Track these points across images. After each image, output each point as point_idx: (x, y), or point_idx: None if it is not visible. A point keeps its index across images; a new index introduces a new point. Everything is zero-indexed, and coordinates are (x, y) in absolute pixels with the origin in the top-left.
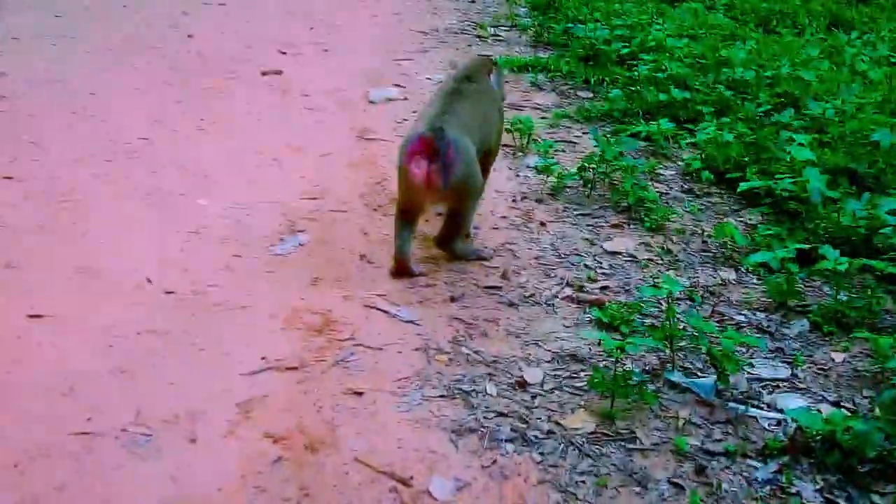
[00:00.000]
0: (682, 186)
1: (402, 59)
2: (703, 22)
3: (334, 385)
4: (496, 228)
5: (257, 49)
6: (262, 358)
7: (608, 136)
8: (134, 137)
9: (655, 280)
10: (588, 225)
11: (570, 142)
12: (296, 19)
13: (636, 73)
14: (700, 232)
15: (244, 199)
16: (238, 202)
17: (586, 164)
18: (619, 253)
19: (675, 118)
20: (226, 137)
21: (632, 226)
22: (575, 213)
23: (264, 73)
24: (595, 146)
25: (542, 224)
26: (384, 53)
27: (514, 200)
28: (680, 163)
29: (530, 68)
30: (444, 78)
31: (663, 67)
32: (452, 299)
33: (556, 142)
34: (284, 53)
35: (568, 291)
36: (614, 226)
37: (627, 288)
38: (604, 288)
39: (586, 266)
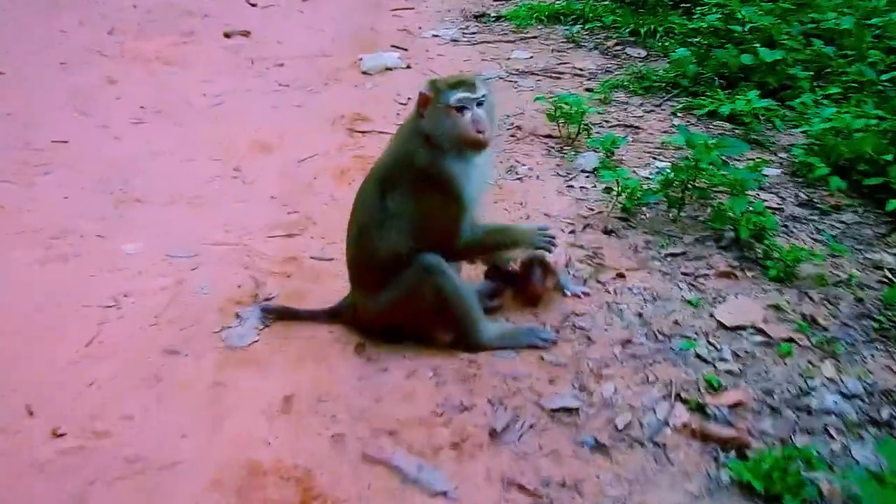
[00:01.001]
0: (796, 196)
1: (400, 9)
2: None
3: None
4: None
5: None
6: None
7: (682, 117)
8: (47, 139)
9: (807, 378)
10: (685, 273)
11: (632, 125)
12: None
13: (701, 23)
14: (847, 280)
15: (190, 240)
16: (180, 246)
17: (672, 177)
18: (742, 329)
19: (761, 86)
20: (170, 135)
21: (747, 271)
22: (662, 252)
23: (227, 36)
24: (677, 143)
25: (620, 275)
26: (378, 1)
27: (572, 232)
28: (781, 155)
29: (562, 17)
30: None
31: (738, 14)
32: (493, 434)
33: (612, 126)
34: (254, 5)
35: (682, 414)
36: (722, 274)
37: (771, 399)
38: (737, 406)
39: (699, 357)
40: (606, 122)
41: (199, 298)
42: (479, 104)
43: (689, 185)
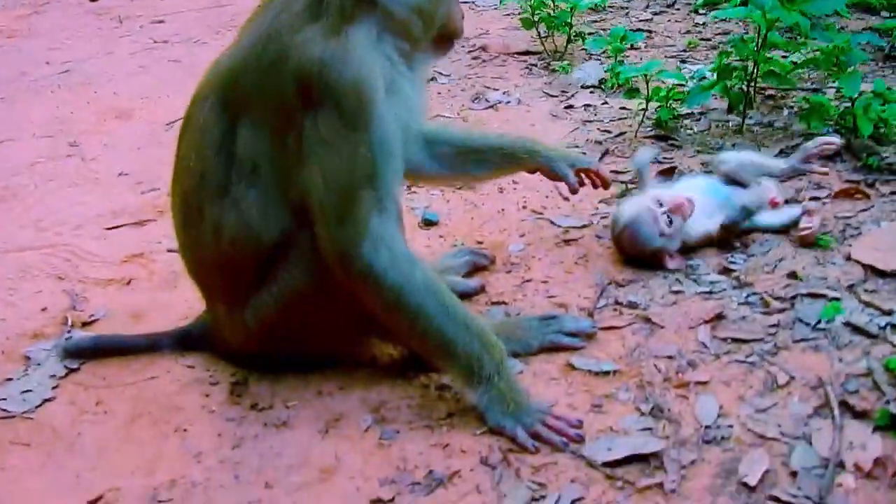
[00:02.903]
0: None
1: None
2: None
3: None
4: (552, 276)
5: None
6: None
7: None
8: None
9: None
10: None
11: (639, 30)
12: None
13: None
14: None
15: None
16: None
17: (730, 63)
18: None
19: None
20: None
21: (879, 186)
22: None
23: None
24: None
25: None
26: None
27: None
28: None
29: None
30: None
31: None
32: None
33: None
34: None
35: (866, 439)
36: (844, 193)
37: None
38: None
39: (854, 328)
40: (603, 30)
41: None
42: None
43: (755, 77)
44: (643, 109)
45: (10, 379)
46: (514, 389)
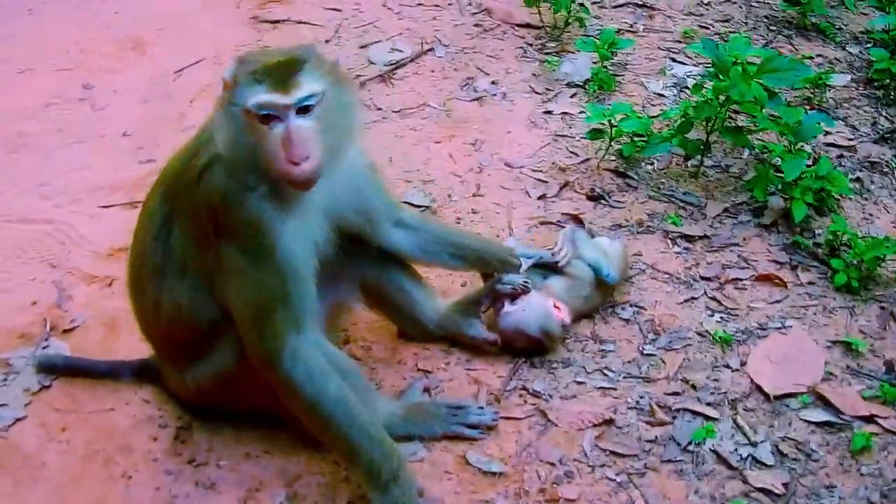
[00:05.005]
0: (874, 123)
1: None
2: None
3: None
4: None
5: None
6: None
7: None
8: None
9: None
10: (706, 278)
11: (645, 4)
12: None
13: None
14: None
15: None
16: None
17: (691, 116)
18: (792, 397)
19: None
20: (8, 31)
21: (801, 272)
22: (673, 233)
23: None
24: (700, 52)
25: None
26: None
27: (541, 197)
28: (852, 51)
29: None
30: None
31: None
32: None
33: (618, 6)
34: None
35: None
36: (763, 278)
37: None
38: None
39: (719, 458)
40: (607, 7)
41: None
42: (302, 111)
43: (717, 127)
44: (611, 140)
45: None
46: (407, 495)
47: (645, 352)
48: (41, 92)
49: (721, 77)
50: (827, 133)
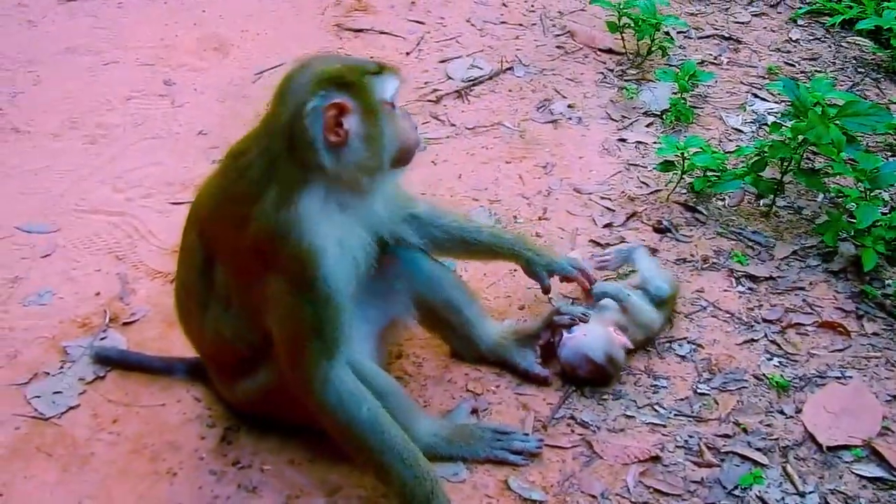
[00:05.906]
0: None
1: None
2: None
3: None
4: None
5: None
6: None
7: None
8: None
9: None
10: (768, 321)
11: (731, 37)
12: None
13: None
14: None
15: (60, 202)
16: (43, 211)
17: (767, 156)
18: (846, 449)
19: None
20: (94, 20)
21: (867, 322)
22: (738, 272)
23: None
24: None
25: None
26: None
27: (607, 226)
28: None
29: None
30: None
31: None
32: None
33: (703, 36)
34: None
35: None
36: (827, 325)
37: None
38: None
39: None
40: (697, 29)
41: (30, 313)
42: None
43: (792, 168)
44: (682, 173)
45: (47, 373)
46: None
47: (698, 391)
48: (124, 85)
49: (800, 118)
50: None
